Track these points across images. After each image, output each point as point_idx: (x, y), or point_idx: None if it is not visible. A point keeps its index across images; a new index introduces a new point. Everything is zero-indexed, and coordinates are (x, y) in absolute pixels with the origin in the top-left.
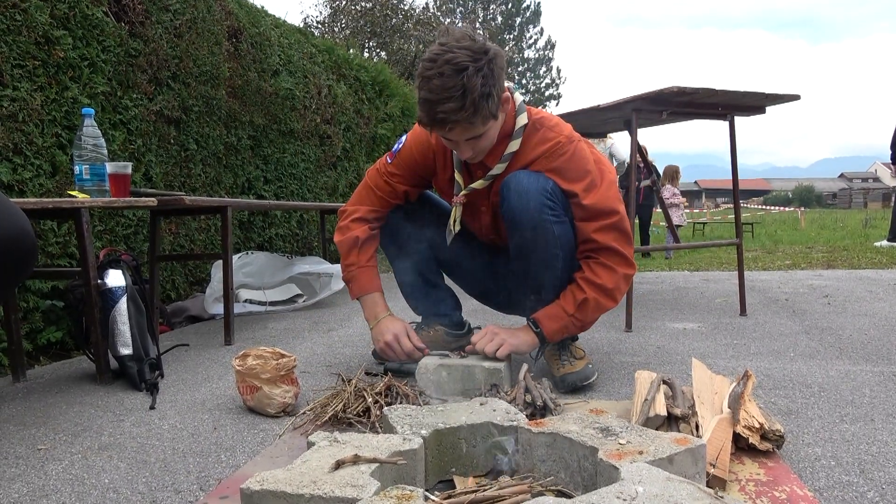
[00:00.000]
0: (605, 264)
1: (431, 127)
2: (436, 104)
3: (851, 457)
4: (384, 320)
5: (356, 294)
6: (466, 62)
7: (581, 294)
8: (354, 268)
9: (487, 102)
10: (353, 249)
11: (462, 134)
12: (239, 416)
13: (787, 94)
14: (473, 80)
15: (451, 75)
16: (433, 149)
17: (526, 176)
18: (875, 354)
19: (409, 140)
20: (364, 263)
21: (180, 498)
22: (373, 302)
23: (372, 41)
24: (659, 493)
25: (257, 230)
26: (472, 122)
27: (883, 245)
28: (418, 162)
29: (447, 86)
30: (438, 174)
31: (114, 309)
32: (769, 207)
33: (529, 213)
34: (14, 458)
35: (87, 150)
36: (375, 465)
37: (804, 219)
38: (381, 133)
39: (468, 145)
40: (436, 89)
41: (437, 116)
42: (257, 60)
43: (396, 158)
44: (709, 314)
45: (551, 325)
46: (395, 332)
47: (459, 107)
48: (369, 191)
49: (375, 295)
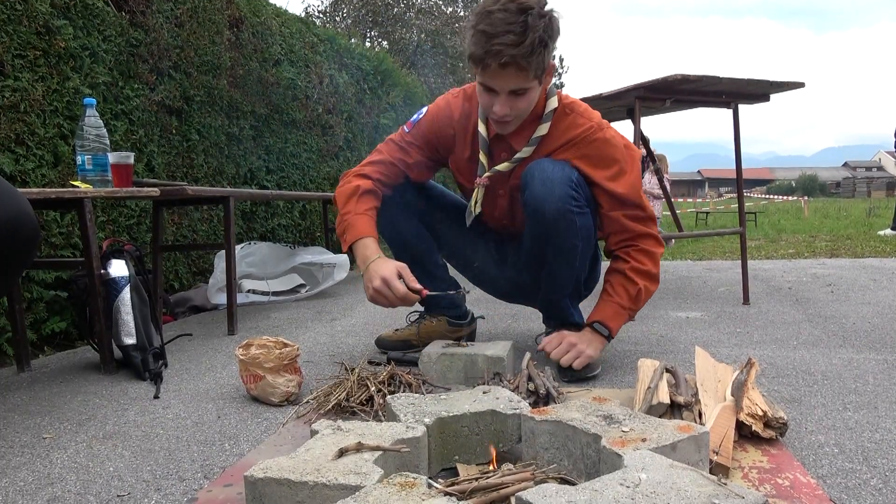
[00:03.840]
0: (645, 250)
1: (482, 61)
2: (494, 37)
3: (854, 444)
4: (373, 263)
5: (349, 241)
6: (531, 4)
7: (634, 287)
8: (350, 215)
9: (543, 51)
10: (351, 198)
11: (509, 80)
12: (242, 405)
13: (792, 82)
14: (536, 21)
15: (514, 12)
16: (454, 125)
17: (550, 164)
18: (878, 342)
19: (430, 111)
20: (361, 211)
21: (184, 486)
22: (363, 246)
23: (374, 30)
24: (662, 479)
25: (260, 220)
26: (527, 62)
27: (886, 234)
28: (438, 134)
29: (509, 21)
30: (457, 152)
31: (117, 299)
32: (772, 196)
33: (553, 203)
34: (19, 446)
35: (90, 140)
36: (379, 452)
37: (807, 208)
38: (384, 122)
39: (508, 100)
40: (497, 22)
41: (492, 48)
42: (259, 50)
43: (415, 128)
44: (712, 303)
45: (616, 324)
46: (383, 275)
47: (519, 41)
48: (378, 154)
49: (367, 239)
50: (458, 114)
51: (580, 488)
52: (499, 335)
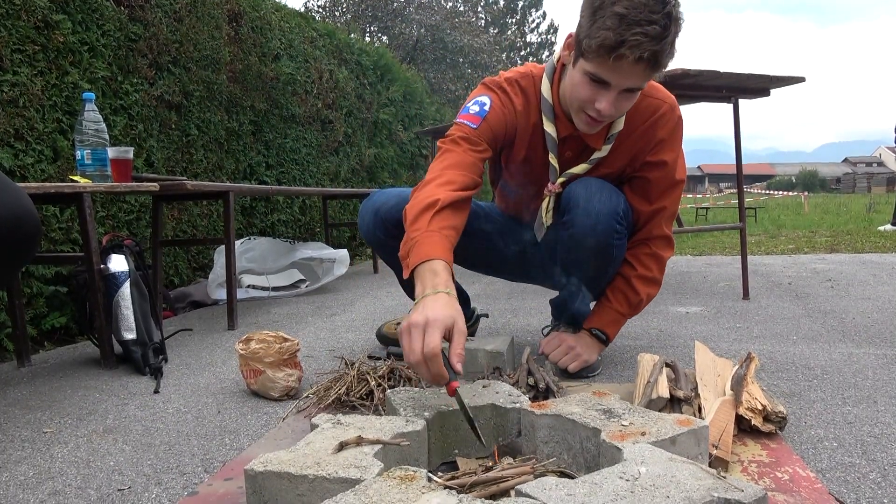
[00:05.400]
0: (655, 254)
1: (614, 51)
2: (636, 24)
3: (854, 438)
4: (428, 299)
5: (412, 264)
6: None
7: (636, 296)
8: (419, 233)
9: (672, 49)
10: (424, 213)
11: (633, 77)
12: (242, 400)
13: (792, 77)
14: (676, 11)
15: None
16: (517, 121)
17: (598, 192)
18: (878, 337)
19: (494, 102)
20: (435, 229)
21: (185, 480)
22: (432, 272)
23: (373, 25)
24: (662, 473)
25: (259, 216)
26: (664, 60)
27: (886, 229)
28: (506, 129)
29: (654, 9)
30: (515, 150)
31: (117, 294)
32: (773, 192)
33: (596, 237)
34: (20, 441)
35: (89, 135)
36: (379, 446)
37: (808, 203)
38: (383, 118)
39: (618, 98)
40: (639, 6)
41: (632, 37)
42: (258, 45)
43: (484, 122)
44: (712, 298)
45: (614, 330)
46: (433, 343)
47: (662, 34)
48: (452, 154)
49: (436, 262)
50: (521, 108)
51: (580, 481)
52: (498, 330)
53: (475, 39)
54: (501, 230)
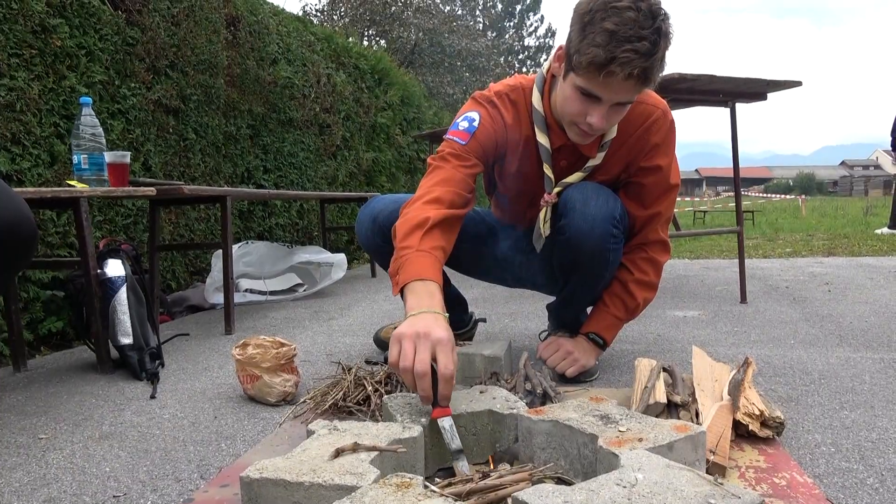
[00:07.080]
0: (652, 259)
1: (604, 68)
2: (626, 41)
3: (851, 443)
4: (417, 318)
5: (401, 282)
6: (661, 8)
7: (633, 301)
8: (409, 251)
9: (662, 63)
10: (415, 231)
11: (623, 92)
12: (239, 405)
13: (789, 81)
14: (666, 26)
15: (647, 14)
16: (507, 134)
17: (594, 197)
18: (875, 341)
19: (484, 117)
20: (425, 248)
21: (181, 486)
22: (427, 293)
23: (371, 29)
24: (659, 479)
25: (257, 220)
26: (654, 76)
27: (883, 232)
28: (496, 144)
29: (644, 25)
30: (507, 162)
31: (114, 298)
32: (770, 196)
33: (592, 242)
34: (15, 447)
35: (86, 139)
36: (375, 453)
37: (805, 206)
38: (381, 122)
39: (610, 112)
40: (629, 22)
41: (622, 54)
42: (256, 49)
43: (473, 139)
44: (709, 302)
45: (612, 334)
46: (423, 360)
47: (652, 51)
48: (442, 171)
49: (430, 284)
50: (512, 121)
51: (576, 488)
52: (496, 334)
53: (473, 43)
54: (498, 236)
